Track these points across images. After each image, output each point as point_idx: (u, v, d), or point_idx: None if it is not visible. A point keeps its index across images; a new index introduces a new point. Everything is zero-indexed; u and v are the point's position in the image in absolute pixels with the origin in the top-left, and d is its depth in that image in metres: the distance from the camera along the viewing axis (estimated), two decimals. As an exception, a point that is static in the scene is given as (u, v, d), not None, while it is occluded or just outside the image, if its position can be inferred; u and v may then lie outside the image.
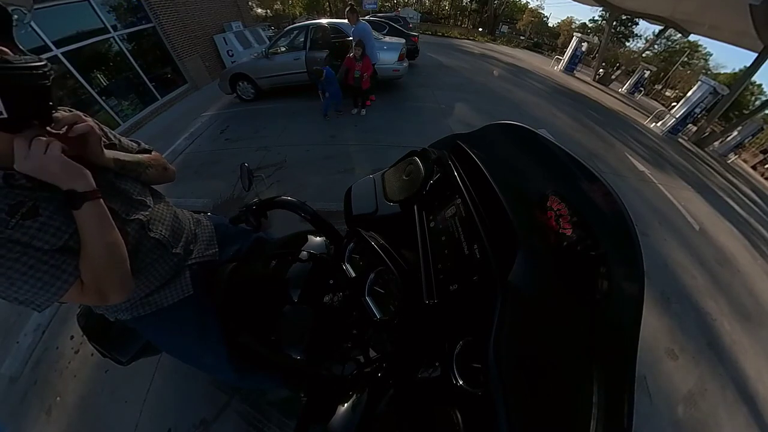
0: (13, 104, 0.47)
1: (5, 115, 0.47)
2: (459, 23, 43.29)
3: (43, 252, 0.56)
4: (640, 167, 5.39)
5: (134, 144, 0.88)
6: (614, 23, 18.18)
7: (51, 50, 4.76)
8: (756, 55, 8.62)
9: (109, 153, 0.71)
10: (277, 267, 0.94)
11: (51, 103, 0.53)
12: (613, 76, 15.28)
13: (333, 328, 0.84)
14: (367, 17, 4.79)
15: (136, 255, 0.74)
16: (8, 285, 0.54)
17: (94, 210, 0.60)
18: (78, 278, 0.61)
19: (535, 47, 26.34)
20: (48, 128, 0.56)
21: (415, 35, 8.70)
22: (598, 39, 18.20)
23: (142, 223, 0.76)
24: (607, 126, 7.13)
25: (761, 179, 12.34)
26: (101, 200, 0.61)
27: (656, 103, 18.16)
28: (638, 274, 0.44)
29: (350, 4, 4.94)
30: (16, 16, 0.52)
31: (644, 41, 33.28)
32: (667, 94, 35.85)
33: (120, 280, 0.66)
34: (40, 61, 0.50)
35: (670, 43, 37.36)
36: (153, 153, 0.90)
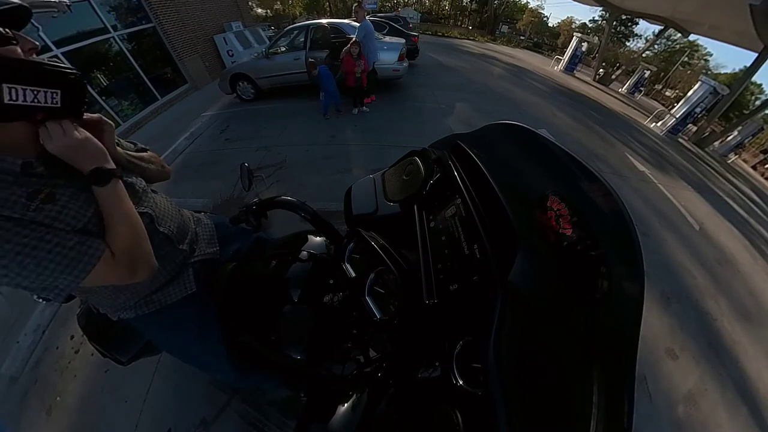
0: (66, 97, 0.55)
1: (59, 105, 0.55)
2: (459, 23, 43.27)
3: (66, 231, 0.56)
4: (640, 167, 5.39)
5: (131, 144, 0.88)
6: (614, 23, 18.18)
7: (51, 50, 4.76)
8: (756, 55, 8.61)
9: (119, 149, 0.74)
10: (277, 267, 0.94)
11: (86, 100, 0.62)
12: (613, 76, 15.27)
13: (333, 328, 0.84)
14: (367, 17, 4.78)
15: None
16: (34, 266, 0.52)
17: (118, 187, 0.64)
18: (105, 250, 0.60)
19: (535, 47, 26.33)
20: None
21: (415, 35, 8.70)
22: (598, 39, 18.20)
23: (152, 217, 0.76)
24: (607, 126, 7.13)
25: (761, 179, 12.35)
26: (120, 180, 0.65)
27: (656, 103, 18.17)
28: (638, 274, 0.44)
29: (357, 1, 4.95)
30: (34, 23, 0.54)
31: (644, 41, 33.27)
32: (668, 94, 35.86)
33: (148, 253, 0.68)
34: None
35: (670, 43, 37.33)
36: (149, 152, 0.91)
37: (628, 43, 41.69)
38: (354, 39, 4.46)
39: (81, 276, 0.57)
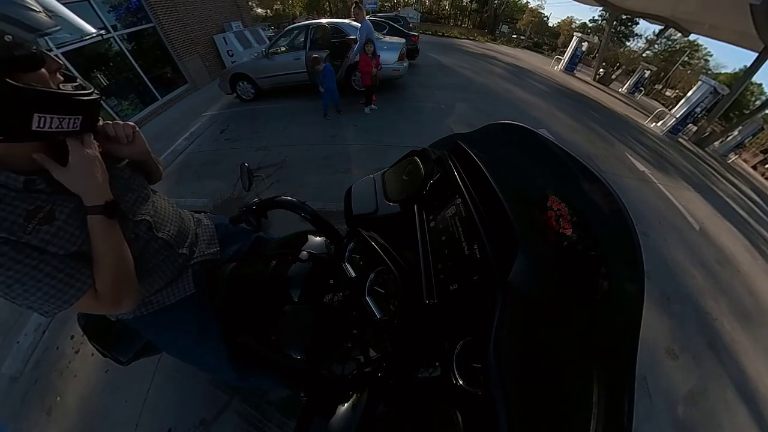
0: (86, 121, 0.57)
1: (78, 128, 0.56)
2: (459, 23, 43.25)
3: (59, 259, 0.56)
4: (641, 167, 5.39)
5: None
6: (614, 23, 18.16)
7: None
8: (756, 54, 8.61)
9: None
10: (278, 267, 0.94)
11: (100, 117, 0.65)
12: (613, 76, 15.25)
13: (333, 327, 0.84)
14: (367, 17, 4.78)
15: (144, 256, 0.74)
16: (22, 291, 0.53)
17: (115, 223, 0.64)
18: (92, 287, 0.61)
19: (536, 47, 26.32)
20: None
21: (415, 35, 8.70)
22: (599, 39, 18.16)
23: (149, 224, 0.76)
24: (607, 126, 7.12)
25: (761, 179, 12.34)
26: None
27: (656, 102, 18.14)
28: (638, 274, 0.44)
29: (356, 1, 4.94)
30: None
31: (644, 41, 33.26)
32: (668, 93, 35.83)
33: (133, 288, 0.68)
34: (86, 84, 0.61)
35: (670, 42, 37.33)
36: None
37: (628, 43, 41.70)
38: (367, 38, 4.47)
39: (67, 304, 0.58)
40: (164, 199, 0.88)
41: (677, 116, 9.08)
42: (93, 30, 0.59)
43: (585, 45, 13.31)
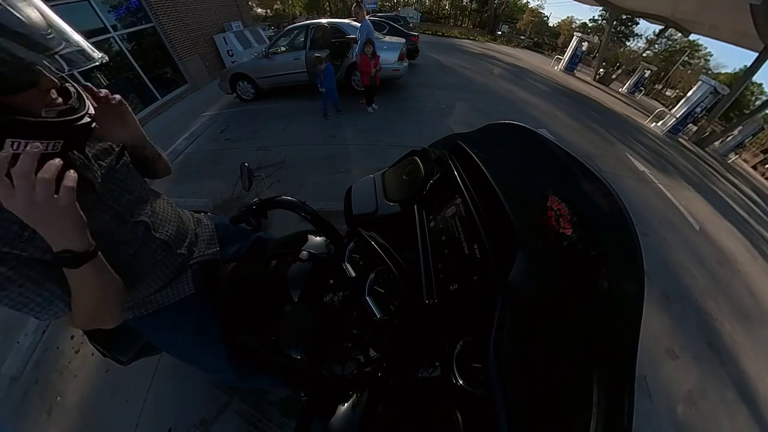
0: (68, 145, 0.48)
1: (58, 151, 0.47)
2: (459, 23, 43.25)
3: (53, 271, 0.53)
4: (641, 167, 5.39)
5: None
6: (614, 23, 18.15)
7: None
8: (756, 54, 8.61)
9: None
10: (278, 267, 0.94)
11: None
12: (613, 76, 15.25)
13: (333, 327, 0.84)
14: (367, 17, 4.79)
15: (141, 256, 0.74)
16: (8, 301, 0.52)
17: (92, 267, 0.53)
18: (67, 314, 0.58)
19: (536, 47, 26.32)
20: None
21: (415, 35, 8.70)
22: (599, 39, 18.18)
23: (147, 225, 0.75)
24: (607, 126, 7.12)
25: (761, 179, 12.34)
26: (99, 254, 0.54)
27: (657, 102, 18.13)
28: (638, 274, 0.44)
29: (356, 1, 4.95)
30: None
31: (644, 41, 33.25)
32: (668, 93, 35.82)
33: (115, 313, 0.66)
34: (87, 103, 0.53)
35: (670, 42, 37.32)
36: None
37: (628, 43, 41.70)
38: (368, 38, 4.48)
39: (49, 320, 0.58)
40: (163, 199, 0.87)
41: (677, 116, 9.08)
42: (97, 56, 0.54)
43: (585, 45, 13.31)
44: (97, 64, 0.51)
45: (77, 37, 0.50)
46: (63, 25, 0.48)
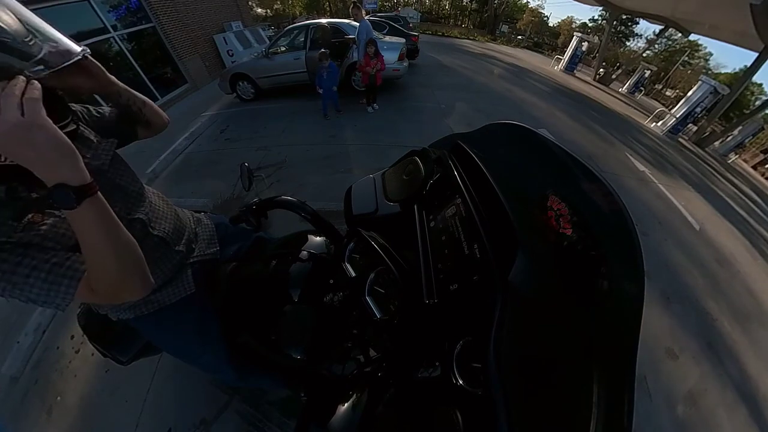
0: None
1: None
2: (459, 23, 43.25)
3: (53, 252, 0.53)
4: (641, 167, 5.38)
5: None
6: (614, 23, 18.15)
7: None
8: (756, 54, 8.61)
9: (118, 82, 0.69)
10: (278, 267, 0.95)
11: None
12: (613, 76, 15.24)
13: (333, 327, 0.84)
14: (367, 17, 4.79)
15: None
16: (17, 291, 0.51)
17: (95, 207, 0.48)
18: (78, 287, 0.53)
19: (536, 47, 26.30)
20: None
21: (415, 35, 8.70)
22: (599, 39, 18.17)
23: (144, 222, 0.75)
24: (607, 126, 7.12)
25: (761, 179, 12.33)
26: (100, 194, 0.49)
27: (657, 102, 18.12)
28: (638, 274, 0.44)
29: (354, 2, 4.95)
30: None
31: (644, 41, 33.23)
32: (668, 93, 35.81)
33: (140, 279, 0.58)
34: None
35: (670, 42, 37.30)
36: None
37: (628, 43, 41.69)
38: (370, 38, 4.49)
39: (68, 296, 0.53)
40: (158, 196, 0.87)
41: (677, 116, 9.07)
42: (78, 48, 0.53)
43: (585, 45, 13.30)
44: (79, 58, 0.50)
45: (58, 36, 0.50)
46: (42, 26, 0.48)
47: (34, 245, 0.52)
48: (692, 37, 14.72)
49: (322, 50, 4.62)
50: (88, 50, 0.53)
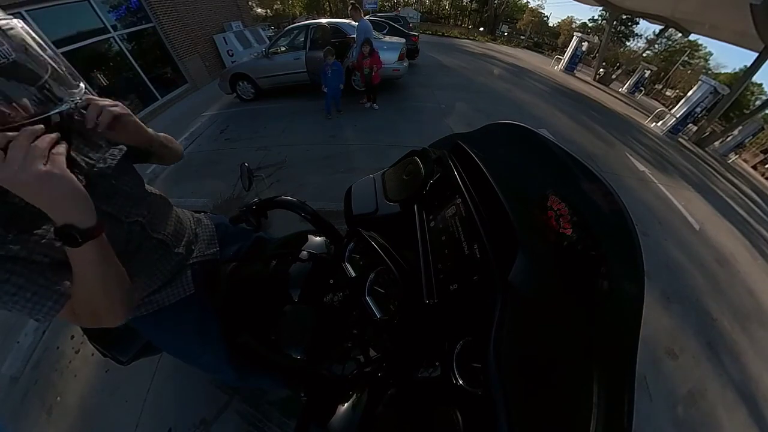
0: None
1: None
2: (459, 23, 43.25)
3: (41, 269, 0.52)
4: (641, 167, 5.39)
5: None
6: (614, 23, 18.15)
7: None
8: (756, 54, 8.61)
9: (150, 131, 0.72)
10: (278, 267, 0.94)
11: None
12: (613, 76, 15.24)
13: (333, 327, 0.84)
14: (367, 17, 4.80)
15: (138, 255, 0.73)
16: (7, 301, 0.50)
17: (96, 248, 0.50)
18: (69, 299, 0.54)
19: (536, 47, 26.32)
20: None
21: (415, 35, 8.70)
22: (599, 39, 18.16)
23: (142, 224, 0.75)
24: (607, 126, 7.12)
25: (761, 179, 12.33)
26: (103, 234, 0.51)
27: (657, 102, 18.13)
28: (638, 273, 0.44)
29: (352, 3, 4.95)
30: None
31: (644, 41, 33.24)
32: (668, 93, 35.81)
33: (122, 308, 0.60)
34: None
35: (670, 42, 37.29)
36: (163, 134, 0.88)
37: (628, 43, 41.70)
38: (366, 38, 4.51)
39: (44, 321, 0.53)
40: (161, 197, 0.87)
41: (677, 116, 9.08)
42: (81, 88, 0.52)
43: (585, 45, 13.30)
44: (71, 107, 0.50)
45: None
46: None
47: (21, 259, 0.50)
48: (692, 37, 14.74)
49: (328, 47, 4.62)
50: (83, 86, 0.53)
